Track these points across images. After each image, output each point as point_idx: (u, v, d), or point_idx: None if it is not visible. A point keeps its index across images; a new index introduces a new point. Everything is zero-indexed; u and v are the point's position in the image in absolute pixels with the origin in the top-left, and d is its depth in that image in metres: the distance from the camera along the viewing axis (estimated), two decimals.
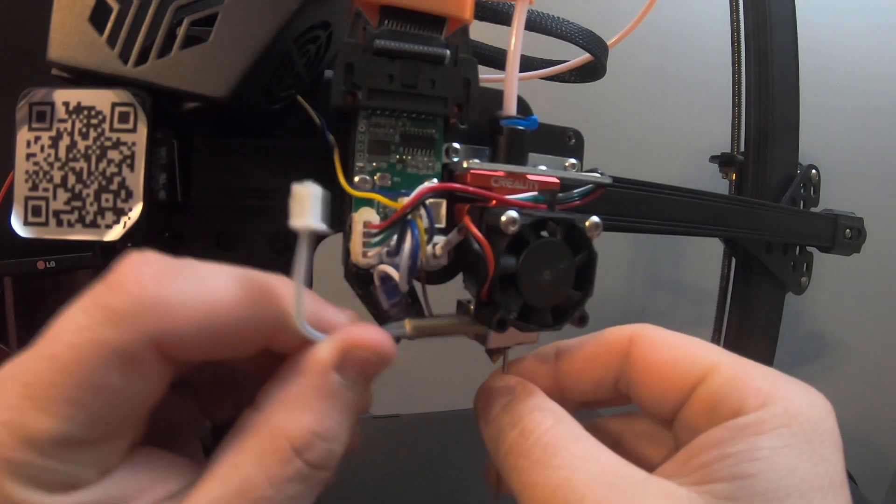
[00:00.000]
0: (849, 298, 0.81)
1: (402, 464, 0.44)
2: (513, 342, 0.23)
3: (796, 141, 0.45)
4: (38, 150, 0.21)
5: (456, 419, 0.52)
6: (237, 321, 0.16)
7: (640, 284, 0.82)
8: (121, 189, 0.21)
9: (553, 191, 0.23)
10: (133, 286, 0.15)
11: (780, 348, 0.46)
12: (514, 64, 0.24)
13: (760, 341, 0.45)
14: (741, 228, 0.38)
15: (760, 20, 0.44)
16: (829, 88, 0.76)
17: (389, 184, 0.23)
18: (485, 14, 0.26)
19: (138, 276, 0.15)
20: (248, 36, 0.21)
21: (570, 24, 0.27)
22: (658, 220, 0.32)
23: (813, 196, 0.46)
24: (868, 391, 0.83)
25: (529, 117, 0.25)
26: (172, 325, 0.15)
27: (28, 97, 0.21)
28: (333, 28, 0.25)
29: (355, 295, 0.24)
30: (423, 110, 0.23)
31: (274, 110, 0.25)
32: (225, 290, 0.16)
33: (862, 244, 0.45)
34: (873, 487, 0.77)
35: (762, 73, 0.44)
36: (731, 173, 0.46)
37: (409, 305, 0.23)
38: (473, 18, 0.24)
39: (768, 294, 0.45)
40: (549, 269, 0.21)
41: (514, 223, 0.20)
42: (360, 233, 0.22)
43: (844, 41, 0.77)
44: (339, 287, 0.25)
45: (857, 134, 0.79)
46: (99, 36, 0.21)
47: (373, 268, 0.22)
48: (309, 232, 0.15)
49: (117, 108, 0.21)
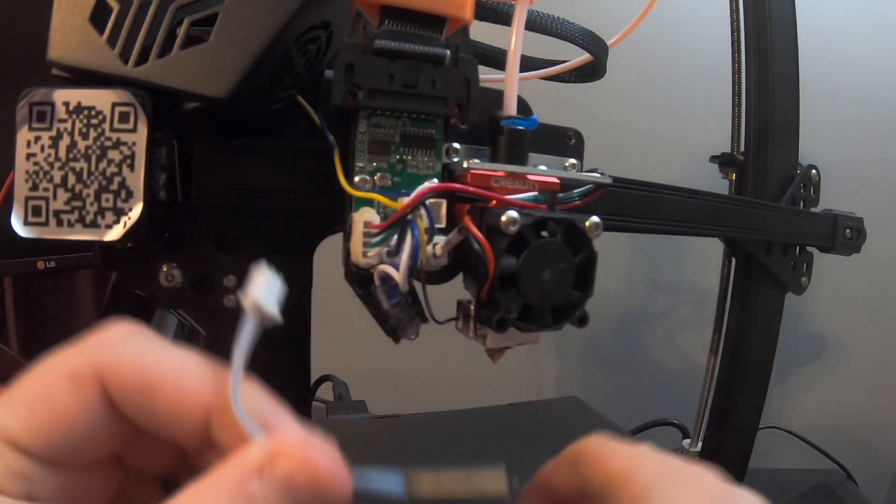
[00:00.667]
0: (849, 298, 0.81)
1: (402, 464, 0.44)
2: (513, 342, 0.23)
3: (796, 141, 0.45)
4: (38, 150, 0.21)
5: (456, 419, 0.52)
6: (176, 390, 0.15)
7: (640, 284, 0.82)
8: (121, 189, 0.21)
9: (553, 191, 0.23)
10: (103, 330, 0.15)
11: (780, 348, 0.46)
12: (515, 64, 0.24)
13: (760, 341, 0.45)
14: (741, 228, 0.38)
15: (760, 20, 0.44)
16: (829, 88, 0.76)
17: (390, 184, 0.23)
18: (485, 14, 0.26)
19: (112, 326, 0.15)
20: (249, 36, 0.21)
21: (570, 24, 0.27)
22: (658, 220, 0.32)
23: (813, 196, 0.46)
24: (868, 391, 0.83)
25: (529, 117, 0.25)
26: (117, 364, 0.14)
27: (28, 97, 0.21)
28: (333, 28, 0.25)
29: (355, 295, 0.24)
30: (424, 110, 0.23)
31: (274, 110, 0.25)
32: (177, 360, 0.15)
33: (862, 244, 0.45)
34: (873, 487, 0.77)
35: (762, 73, 0.44)
36: (731, 173, 0.46)
37: (409, 305, 0.23)
38: (473, 18, 0.24)
39: (768, 294, 0.45)
40: (550, 270, 0.21)
41: (514, 223, 0.20)
42: (361, 233, 0.22)
43: (845, 41, 0.77)
44: (340, 287, 0.25)
45: (857, 134, 0.79)
46: (99, 36, 0.21)
47: (373, 268, 0.22)
48: (257, 311, 0.15)
49: (117, 108, 0.21)
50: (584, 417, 0.54)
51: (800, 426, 0.77)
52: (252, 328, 0.15)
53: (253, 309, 0.15)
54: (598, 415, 0.54)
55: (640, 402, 0.78)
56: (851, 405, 0.83)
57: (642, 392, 0.82)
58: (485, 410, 0.54)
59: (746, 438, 0.46)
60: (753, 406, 0.46)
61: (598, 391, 0.85)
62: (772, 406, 0.82)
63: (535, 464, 0.21)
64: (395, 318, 0.23)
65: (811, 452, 0.74)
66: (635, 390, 0.82)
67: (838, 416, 0.82)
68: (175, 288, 0.25)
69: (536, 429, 0.51)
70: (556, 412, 0.56)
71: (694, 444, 0.49)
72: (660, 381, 0.82)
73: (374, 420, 0.52)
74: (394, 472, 0.17)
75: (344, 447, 0.15)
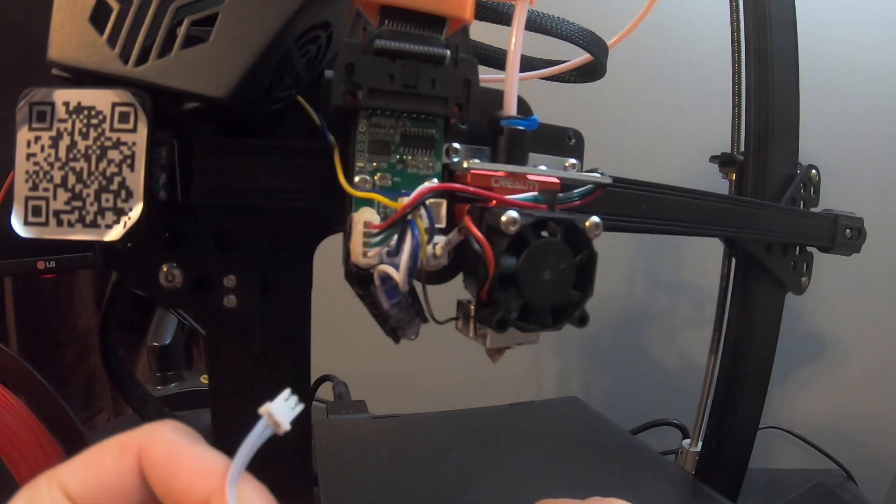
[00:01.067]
0: (849, 298, 0.80)
1: (402, 464, 0.44)
2: (513, 342, 0.23)
3: (796, 141, 0.45)
4: (38, 150, 0.21)
5: (456, 419, 0.52)
6: (190, 471, 0.17)
7: (640, 284, 0.82)
8: (121, 189, 0.21)
9: (553, 191, 0.23)
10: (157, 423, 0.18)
11: (780, 348, 0.46)
12: (515, 64, 0.24)
13: (760, 341, 0.45)
14: (741, 228, 0.38)
15: (760, 20, 0.44)
16: (829, 88, 0.76)
17: (390, 184, 0.23)
18: (485, 14, 0.26)
19: (164, 422, 0.18)
20: (249, 36, 0.21)
21: (570, 24, 0.27)
22: (658, 220, 0.32)
23: (813, 196, 0.46)
24: (868, 391, 0.83)
25: (529, 117, 0.25)
26: (153, 443, 0.17)
27: (28, 97, 0.21)
28: (333, 28, 0.25)
29: (355, 295, 0.24)
30: (424, 110, 0.23)
31: (274, 110, 0.25)
32: (200, 450, 0.17)
33: (862, 244, 0.45)
34: (873, 487, 0.77)
35: (762, 73, 0.44)
36: (731, 173, 0.46)
37: (410, 305, 0.23)
38: (473, 18, 0.24)
39: (768, 294, 0.45)
40: (550, 270, 0.21)
41: (514, 223, 0.20)
42: (361, 233, 0.22)
43: (845, 41, 0.77)
44: (340, 287, 0.25)
45: (857, 134, 0.79)
46: (99, 36, 0.21)
47: (373, 268, 0.22)
48: (269, 417, 0.17)
49: (117, 108, 0.21)
50: (584, 417, 0.54)
51: (800, 426, 0.77)
52: (260, 431, 0.17)
53: (266, 414, 0.17)
54: (598, 415, 0.54)
55: (640, 402, 0.78)
56: (851, 405, 0.83)
57: (642, 392, 0.82)
58: (485, 410, 0.54)
59: (746, 438, 0.46)
60: (753, 406, 0.46)
61: (598, 391, 0.85)
62: (772, 406, 0.82)
63: (536, 464, 0.21)
64: (395, 318, 0.23)
65: (811, 452, 0.74)
66: (635, 390, 0.82)
67: (838, 416, 0.82)
68: (175, 288, 0.25)
69: (536, 429, 0.51)
70: (556, 412, 0.56)
71: (694, 444, 0.49)
72: (660, 381, 0.82)
73: (374, 420, 0.52)
74: None
75: (344, 447, 0.16)
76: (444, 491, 0.40)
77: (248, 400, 0.26)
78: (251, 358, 0.27)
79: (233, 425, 0.26)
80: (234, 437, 0.17)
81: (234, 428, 0.26)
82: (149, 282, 0.24)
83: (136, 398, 0.44)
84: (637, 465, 0.45)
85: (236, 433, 0.17)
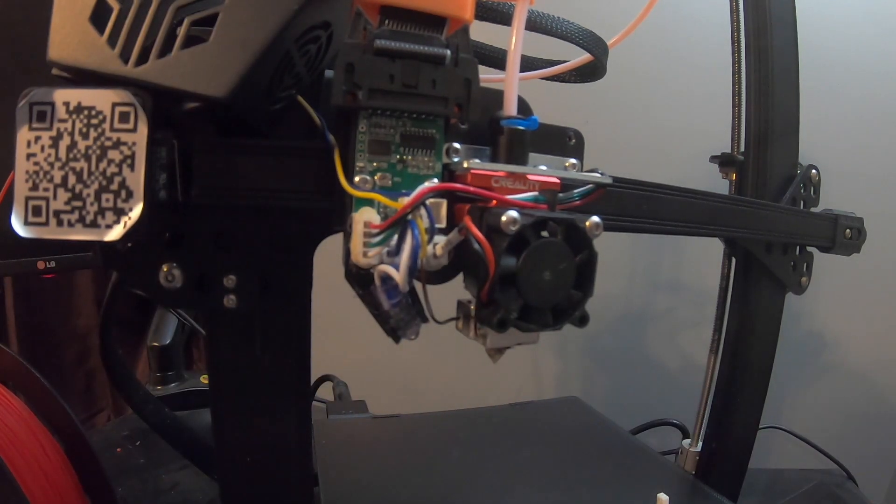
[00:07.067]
0: (849, 298, 0.80)
1: (402, 464, 0.44)
2: (513, 342, 0.23)
3: (796, 141, 0.45)
4: (38, 150, 0.21)
5: (456, 419, 0.52)
6: None
7: (640, 284, 0.82)
8: (121, 189, 0.21)
9: (553, 191, 0.23)
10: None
11: (780, 348, 0.46)
12: (515, 64, 0.24)
13: (760, 341, 0.45)
14: (741, 228, 0.38)
15: (760, 19, 0.44)
16: (829, 88, 0.76)
17: (390, 184, 0.23)
18: (485, 14, 0.26)
19: None
20: (249, 36, 0.21)
21: (570, 24, 0.27)
22: (658, 220, 0.32)
23: (813, 196, 0.46)
24: (868, 391, 0.83)
25: (530, 117, 0.25)
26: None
27: (28, 97, 0.21)
28: (334, 28, 0.25)
29: (355, 295, 0.24)
30: (424, 110, 0.23)
31: (274, 110, 0.25)
32: None
33: (862, 244, 0.45)
34: (873, 487, 0.77)
35: (762, 72, 0.44)
36: (731, 173, 0.46)
37: (410, 305, 0.23)
38: (474, 18, 0.24)
39: (768, 294, 0.45)
40: (550, 270, 0.21)
41: (514, 223, 0.20)
42: (361, 233, 0.22)
43: (845, 41, 0.77)
44: (340, 287, 0.25)
45: (857, 134, 0.79)
46: (99, 36, 0.21)
47: (373, 268, 0.22)
48: None
49: (117, 107, 0.21)
50: (584, 417, 0.54)
51: (800, 426, 0.77)
52: None
53: None
54: (598, 415, 0.54)
55: (640, 402, 0.78)
56: (851, 405, 0.83)
57: (642, 392, 0.82)
58: (485, 410, 0.54)
59: (746, 438, 0.46)
60: (753, 406, 0.46)
61: (598, 391, 0.85)
62: (772, 406, 0.82)
63: (536, 464, 0.21)
64: (395, 318, 0.23)
65: (811, 452, 0.74)
66: (635, 390, 0.82)
67: (838, 416, 0.82)
68: (175, 288, 0.25)
69: (536, 429, 0.51)
70: (556, 412, 0.56)
71: (694, 444, 0.49)
72: (660, 381, 0.82)
73: (374, 420, 0.52)
74: None
75: (344, 447, 0.16)
76: (444, 491, 0.40)
77: (248, 400, 0.26)
78: (251, 358, 0.27)
79: (233, 425, 0.26)
80: (234, 437, 0.17)
81: (234, 428, 0.26)
82: (149, 282, 0.24)
83: (136, 398, 0.44)
84: (637, 465, 0.45)
85: (236, 433, 0.17)
